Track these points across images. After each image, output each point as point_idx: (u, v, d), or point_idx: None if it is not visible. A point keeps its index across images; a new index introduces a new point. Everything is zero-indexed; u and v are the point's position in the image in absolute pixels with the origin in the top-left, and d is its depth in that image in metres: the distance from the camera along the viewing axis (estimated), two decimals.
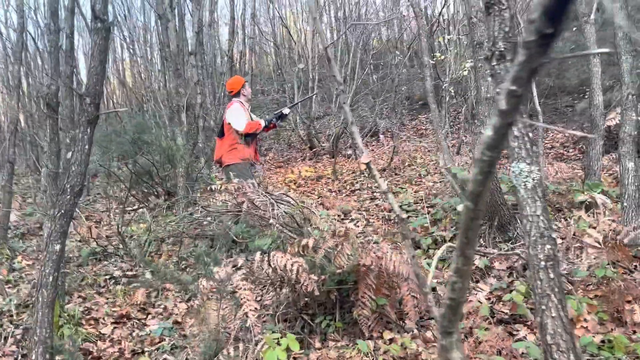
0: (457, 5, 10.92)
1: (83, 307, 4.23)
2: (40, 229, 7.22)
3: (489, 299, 3.41)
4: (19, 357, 3.37)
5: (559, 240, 3.93)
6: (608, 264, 2.80)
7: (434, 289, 3.51)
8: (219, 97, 10.64)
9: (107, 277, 4.91)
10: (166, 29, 9.12)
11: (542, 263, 1.50)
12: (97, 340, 3.67)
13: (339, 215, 5.76)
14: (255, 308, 2.75)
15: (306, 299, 3.51)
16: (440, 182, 6.74)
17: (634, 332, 2.70)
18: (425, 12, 8.66)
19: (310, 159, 10.00)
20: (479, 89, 3.85)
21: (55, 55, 4.31)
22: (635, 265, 3.29)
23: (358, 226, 5.43)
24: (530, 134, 1.51)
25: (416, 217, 5.42)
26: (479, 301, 3.40)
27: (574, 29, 8.08)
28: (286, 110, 5.97)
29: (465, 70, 6.21)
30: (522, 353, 2.64)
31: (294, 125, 11.43)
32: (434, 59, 6.72)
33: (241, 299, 2.67)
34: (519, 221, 4.11)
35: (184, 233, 5.04)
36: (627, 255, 2.76)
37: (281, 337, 2.84)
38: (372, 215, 5.87)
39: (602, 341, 2.63)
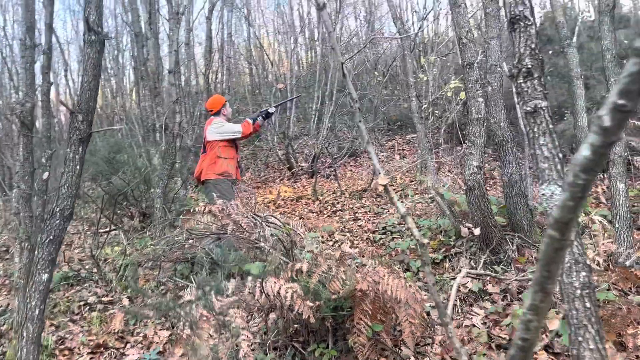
0: (436, 27, 11.08)
1: (56, 336, 4.00)
2: (7, 252, 6.89)
3: (485, 323, 3.33)
4: None
5: None
6: (608, 288, 2.76)
7: (428, 313, 3.42)
8: (196, 116, 10.48)
9: (81, 303, 4.66)
10: (142, 47, 8.97)
11: (578, 291, 1.42)
12: None
13: (322, 236, 5.65)
14: (248, 337, 2.60)
15: (296, 325, 3.37)
16: (421, 202, 6.70)
17: (637, 357, 2.65)
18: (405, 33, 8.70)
19: (289, 179, 9.88)
20: (469, 110, 3.82)
21: (30, 71, 4.12)
22: (630, 287, 3.26)
23: (342, 248, 5.31)
24: (561, 155, 1.45)
25: (401, 238, 5.34)
26: (474, 325, 3.32)
27: (550, 52, 8.26)
28: (272, 109, 5.82)
29: (449, 91, 6.25)
30: None
31: (271, 144, 11.32)
32: (415, 80, 6.74)
33: (233, 327, 2.52)
34: (509, 243, 4.07)
35: (163, 256, 4.84)
36: (630, 278, 2.72)
37: None
38: (356, 237, 5.77)
39: None
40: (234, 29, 15.48)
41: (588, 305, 1.40)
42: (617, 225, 3.50)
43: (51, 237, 1.79)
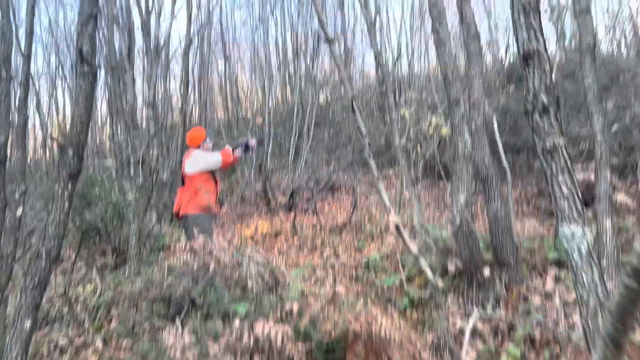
0: (413, 63, 11.31)
1: None
2: None
3: None
4: None
5: (537, 299, 3.87)
6: None
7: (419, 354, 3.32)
8: (172, 150, 10.33)
9: (52, 345, 4.41)
10: (119, 81, 8.87)
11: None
12: None
13: (305, 273, 5.53)
14: None
15: None
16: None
17: None
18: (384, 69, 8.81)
19: (267, 214, 9.75)
20: (456, 146, 3.83)
21: (5, 104, 3.98)
22: None
23: (325, 285, 5.20)
24: (580, 193, 1.42)
25: (385, 274, 5.27)
26: None
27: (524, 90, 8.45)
28: (252, 142, 5.68)
29: (430, 127, 6.31)
30: None
31: (248, 178, 11.21)
32: (398, 116, 6.79)
33: None
34: (496, 279, 4.04)
35: (140, 295, 4.63)
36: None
37: None
38: (339, 273, 5.66)
39: None
40: (210, 63, 15.50)
41: None
42: (604, 262, 3.50)
43: (36, 281, 1.66)
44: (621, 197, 5.34)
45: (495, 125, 4.80)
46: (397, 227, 1.45)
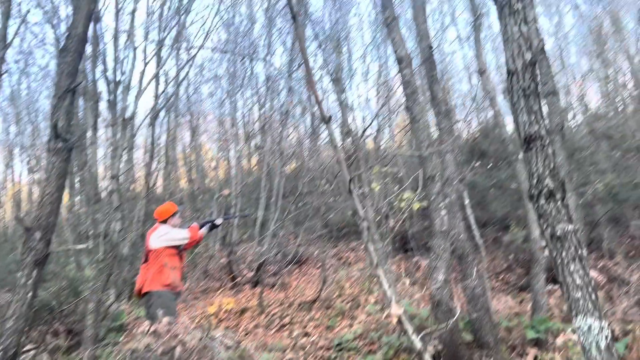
0: (379, 139, 11.53)
1: None
2: None
3: None
4: None
5: None
6: None
7: None
8: (134, 222, 10.00)
9: None
10: (81, 152, 8.68)
11: None
12: None
13: (274, 356, 5.23)
14: None
15: None
16: (374, 315, 6.44)
17: None
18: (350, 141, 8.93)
19: (231, 289, 9.39)
20: (433, 222, 3.79)
21: None
22: None
23: None
24: (594, 282, 1.35)
25: (358, 354, 5.05)
26: None
27: (489, 166, 8.69)
28: (219, 221, 5.57)
29: (403, 201, 6.32)
30: None
31: (211, 251, 10.89)
32: (370, 190, 6.80)
33: None
34: None
35: None
36: None
37: None
38: (310, 354, 5.39)
39: None
40: (175, 133, 15.47)
41: None
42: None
43: None
44: (591, 273, 5.36)
45: (467, 201, 4.83)
46: (399, 320, 1.33)
